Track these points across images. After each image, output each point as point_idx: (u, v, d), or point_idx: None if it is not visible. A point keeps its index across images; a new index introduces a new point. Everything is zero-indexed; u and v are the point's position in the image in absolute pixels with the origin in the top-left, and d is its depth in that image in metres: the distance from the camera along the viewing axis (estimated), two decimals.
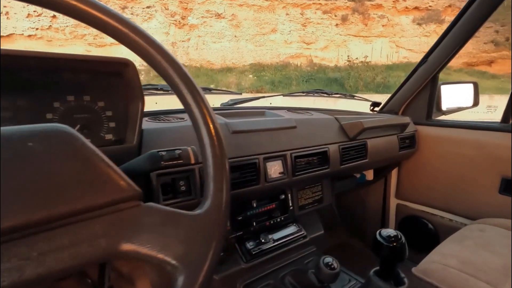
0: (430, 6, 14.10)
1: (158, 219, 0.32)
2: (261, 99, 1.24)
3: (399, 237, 0.50)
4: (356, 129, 1.00)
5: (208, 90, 1.03)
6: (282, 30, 14.95)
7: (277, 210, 0.91)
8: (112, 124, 0.60)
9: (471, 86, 1.38)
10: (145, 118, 0.79)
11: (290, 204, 0.94)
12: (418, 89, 1.30)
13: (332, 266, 0.64)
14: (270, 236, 0.83)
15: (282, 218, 0.91)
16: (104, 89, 0.58)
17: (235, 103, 1.21)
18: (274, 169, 0.80)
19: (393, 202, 1.48)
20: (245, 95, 1.24)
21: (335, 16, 14.76)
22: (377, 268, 0.54)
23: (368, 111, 1.47)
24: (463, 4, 1.11)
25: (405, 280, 0.51)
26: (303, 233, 0.90)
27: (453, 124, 1.26)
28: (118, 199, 0.31)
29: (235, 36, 14.86)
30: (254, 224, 0.84)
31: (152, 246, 0.31)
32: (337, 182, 1.26)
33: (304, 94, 1.30)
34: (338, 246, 1.52)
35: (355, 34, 14.70)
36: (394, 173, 1.45)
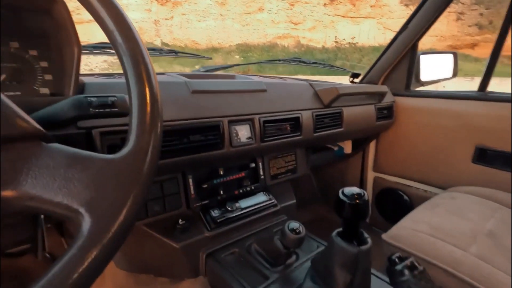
0: None
1: (62, 160, 0.27)
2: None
3: (362, 194, 0.47)
4: (331, 96, 0.96)
5: (175, 53, 0.95)
6: (269, 9, 14.54)
7: (247, 179, 0.87)
8: (48, 77, 0.53)
9: (451, 56, 1.36)
10: (95, 75, 0.71)
11: (261, 173, 0.90)
12: (398, 59, 1.26)
13: (298, 231, 0.61)
14: (237, 204, 0.79)
15: (253, 187, 0.87)
16: (33, 34, 0.50)
17: (207, 71, 1.14)
18: (241, 133, 0.75)
19: (371, 175, 1.47)
20: None
21: None
22: (340, 229, 0.51)
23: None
24: None
25: (368, 240, 0.49)
26: (274, 202, 0.87)
27: (432, 95, 1.24)
28: (9, 136, 0.25)
29: (221, 14, 14.36)
30: (222, 192, 0.80)
31: (53, 191, 0.26)
32: (314, 155, 1.23)
33: (280, 62, 1.24)
34: (316, 221, 1.52)
35: (343, 15, 14.48)
36: (372, 146, 1.44)
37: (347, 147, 1.42)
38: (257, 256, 0.69)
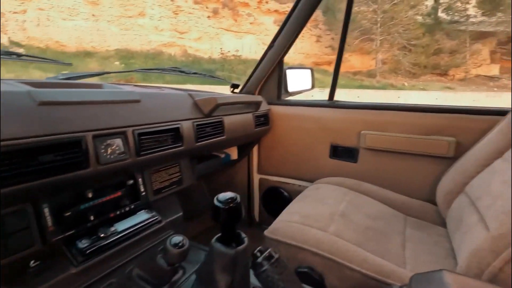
0: (286, 11, 16.31)
1: None
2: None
3: (235, 197, 0.50)
4: (210, 105, 0.99)
5: (16, 55, 0.77)
6: (151, 15, 13.86)
7: (125, 198, 0.79)
8: None
9: (309, 71, 1.64)
10: None
11: (142, 189, 0.83)
12: (269, 72, 1.42)
13: (181, 244, 0.59)
14: (112, 228, 0.70)
15: (132, 206, 0.80)
16: None
17: (69, 78, 0.97)
18: (112, 149, 0.68)
19: (256, 177, 1.60)
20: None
21: (207, 7, 14.89)
22: (219, 234, 0.53)
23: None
24: None
25: (245, 239, 0.52)
26: (157, 218, 0.82)
27: (297, 103, 1.46)
28: None
29: (93, 15, 12.70)
30: (92, 218, 0.69)
31: None
32: (200, 164, 1.23)
33: (158, 71, 1.19)
34: (209, 229, 1.52)
35: (227, 29, 15.33)
36: (255, 150, 1.56)
37: (233, 153, 1.50)
38: (139, 281, 0.63)
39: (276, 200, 1.54)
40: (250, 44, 15.38)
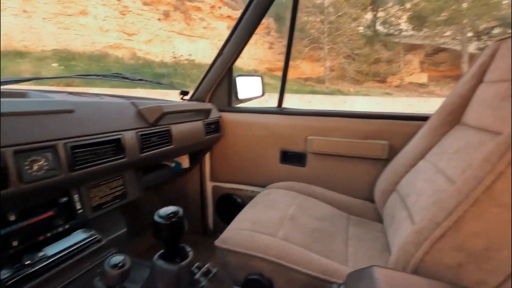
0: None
1: None
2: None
3: (177, 211, 0.49)
4: (155, 114, 0.95)
5: None
6: (95, 15, 12.91)
7: (58, 218, 0.71)
8: None
9: (259, 79, 1.68)
10: None
11: (79, 207, 0.76)
12: (219, 79, 1.42)
13: (121, 264, 0.56)
14: (40, 254, 0.63)
15: (67, 226, 0.73)
16: None
17: None
18: (38, 165, 0.61)
19: (209, 185, 1.58)
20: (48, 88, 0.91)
21: (157, 10, 14.36)
22: (162, 251, 0.51)
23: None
24: None
25: (190, 253, 0.51)
26: (97, 237, 0.76)
27: (248, 110, 1.48)
28: None
29: (25, 11, 11.40)
30: (16, 244, 0.61)
31: None
32: (148, 175, 1.18)
33: (98, 78, 1.11)
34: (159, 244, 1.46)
35: (179, 32, 14.96)
36: (207, 158, 1.54)
37: (185, 161, 1.46)
38: None
39: (230, 207, 1.53)
40: (204, 48, 15.21)
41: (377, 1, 17.81)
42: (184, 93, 1.46)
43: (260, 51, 16.21)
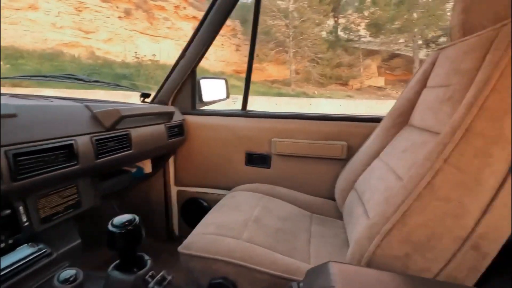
0: None
1: None
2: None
3: (133, 219, 0.47)
4: (112, 118, 0.91)
5: None
6: (47, 10, 11.95)
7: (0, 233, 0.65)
8: None
9: (223, 81, 1.67)
10: None
11: (24, 219, 0.70)
12: (181, 82, 1.40)
13: (72, 279, 0.52)
14: None
15: (11, 241, 0.66)
16: None
17: None
18: None
19: (174, 189, 1.54)
20: None
21: (117, 7, 13.69)
22: (117, 261, 0.49)
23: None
24: None
25: (148, 262, 0.49)
26: (46, 251, 0.70)
27: (212, 113, 1.47)
28: None
29: None
30: None
31: None
32: (106, 182, 1.11)
33: (47, 79, 1.03)
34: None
35: (142, 32, 14.40)
36: (171, 161, 1.50)
37: (147, 166, 1.41)
38: None
39: (196, 211, 1.51)
40: (169, 49, 14.80)
41: (338, 8, 18.74)
42: (145, 95, 1.41)
43: (227, 53, 16.17)
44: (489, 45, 0.60)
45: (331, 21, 19.06)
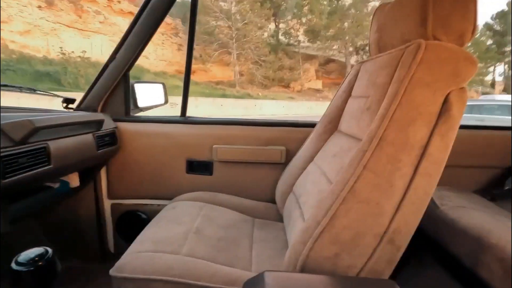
0: None
1: None
2: None
3: (45, 252, 0.41)
4: (23, 131, 0.78)
5: None
6: None
7: None
8: None
9: (161, 86, 1.59)
10: None
11: None
12: (112, 86, 1.29)
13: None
14: None
15: None
16: None
17: None
18: None
19: (107, 203, 1.41)
20: None
21: None
22: None
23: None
24: None
25: None
26: None
27: (149, 120, 1.39)
28: None
29: None
30: None
31: None
32: (19, 203, 0.96)
33: None
34: None
35: (68, 25, 12.89)
36: (103, 173, 1.37)
37: (73, 180, 1.26)
38: None
39: (134, 225, 1.40)
40: (101, 45, 13.54)
41: (279, 13, 19.53)
42: (69, 101, 1.26)
43: (168, 52, 15.49)
44: (397, 63, 0.69)
45: (272, 25, 19.77)
